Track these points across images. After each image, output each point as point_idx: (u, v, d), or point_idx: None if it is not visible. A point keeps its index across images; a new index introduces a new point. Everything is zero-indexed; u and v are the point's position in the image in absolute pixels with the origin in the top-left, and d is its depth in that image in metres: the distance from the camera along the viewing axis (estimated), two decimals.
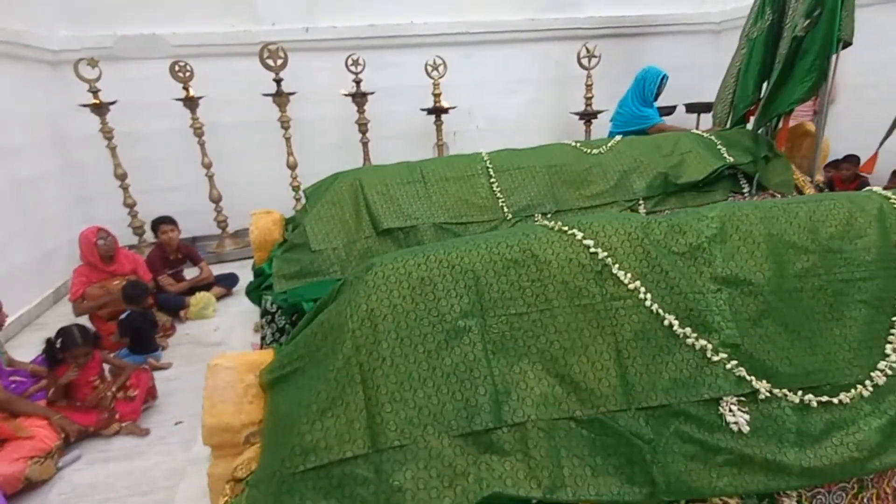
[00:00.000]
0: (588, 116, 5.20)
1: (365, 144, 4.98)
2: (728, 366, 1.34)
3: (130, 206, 4.58)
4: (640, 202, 2.80)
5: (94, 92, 4.22)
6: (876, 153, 2.73)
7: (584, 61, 5.08)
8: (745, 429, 1.29)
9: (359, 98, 4.75)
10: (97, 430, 2.39)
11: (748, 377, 1.34)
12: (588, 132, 5.26)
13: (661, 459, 1.25)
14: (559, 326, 1.36)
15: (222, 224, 4.85)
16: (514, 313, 1.37)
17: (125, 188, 4.53)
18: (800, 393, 1.36)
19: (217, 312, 3.70)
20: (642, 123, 3.68)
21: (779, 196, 3.01)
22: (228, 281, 3.98)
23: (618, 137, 3.03)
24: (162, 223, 3.78)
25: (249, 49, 4.61)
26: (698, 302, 1.40)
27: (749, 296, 1.43)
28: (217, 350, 3.21)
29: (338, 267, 2.43)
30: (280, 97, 4.56)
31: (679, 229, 1.51)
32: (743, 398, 1.33)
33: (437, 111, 4.94)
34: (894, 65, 3.96)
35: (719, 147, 3.02)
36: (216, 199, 4.77)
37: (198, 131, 4.56)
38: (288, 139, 4.71)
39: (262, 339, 2.39)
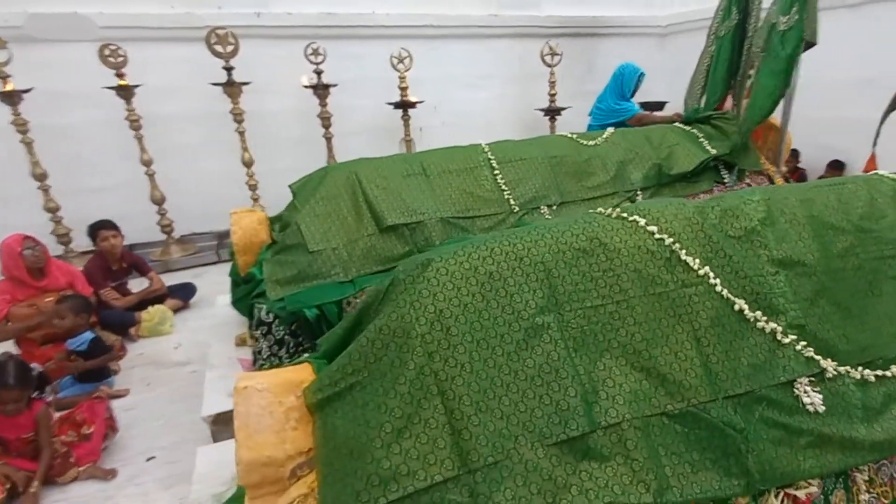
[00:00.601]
0: (552, 113, 5.26)
1: (328, 140, 4.69)
2: (798, 347, 1.34)
3: (53, 210, 4.00)
4: (638, 193, 2.83)
5: (3, 77, 3.62)
6: (872, 154, 2.95)
7: (547, 59, 5.12)
8: (821, 408, 1.29)
9: (320, 90, 4.45)
10: (49, 479, 2.00)
11: (816, 357, 1.35)
12: (553, 129, 5.31)
13: (755, 448, 1.21)
14: (637, 317, 1.29)
15: (167, 229, 4.37)
16: (590, 306, 1.28)
17: (45, 189, 3.95)
18: (859, 369, 1.38)
19: (175, 328, 3.30)
20: (622, 115, 3.79)
21: (754, 185, 3.18)
22: (185, 292, 3.56)
23: (611, 130, 3.06)
24: (101, 228, 3.30)
25: (194, 34, 4.18)
26: (762, 285, 1.39)
27: (804, 276, 1.44)
28: (183, 370, 2.85)
29: (340, 269, 2.20)
30: (231, 87, 4.17)
31: (732, 213, 1.49)
32: (812, 378, 1.34)
33: (405, 105, 4.75)
34: (836, 65, 4.34)
35: (701, 139, 3.17)
36: (159, 201, 4.28)
37: (134, 124, 4.07)
38: (241, 133, 4.32)
39: (258, 352, 2.11)
